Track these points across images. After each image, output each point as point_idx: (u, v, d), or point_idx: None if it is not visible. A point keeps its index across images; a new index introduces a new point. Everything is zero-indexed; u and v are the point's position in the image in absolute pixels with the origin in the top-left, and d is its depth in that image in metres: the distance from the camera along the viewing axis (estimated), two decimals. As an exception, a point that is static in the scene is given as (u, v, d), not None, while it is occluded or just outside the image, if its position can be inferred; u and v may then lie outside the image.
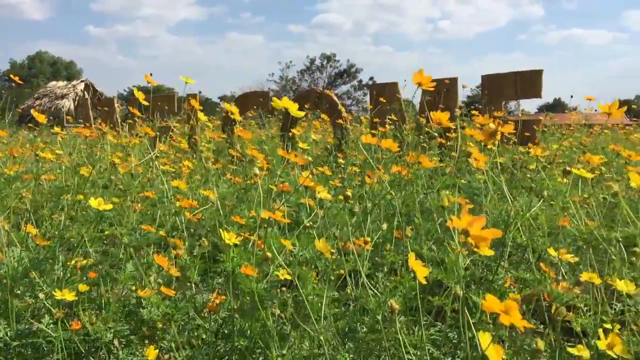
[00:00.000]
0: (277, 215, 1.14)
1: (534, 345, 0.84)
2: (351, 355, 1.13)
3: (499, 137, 1.04)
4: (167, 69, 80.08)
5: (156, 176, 2.07)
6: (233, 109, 1.66)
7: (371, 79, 40.30)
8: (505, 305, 0.69)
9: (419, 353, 1.05)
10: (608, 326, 1.10)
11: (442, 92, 5.05)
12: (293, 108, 1.23)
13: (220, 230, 1.19)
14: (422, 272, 0.94)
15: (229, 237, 1.16)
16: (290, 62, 45.40)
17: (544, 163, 2.08)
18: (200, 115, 1.87)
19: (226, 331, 1.35)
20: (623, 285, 1.02)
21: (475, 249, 0.97)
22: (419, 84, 1.28)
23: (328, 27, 75.53)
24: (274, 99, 1.22)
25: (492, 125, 1.03)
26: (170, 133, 5.16)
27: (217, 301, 1.39)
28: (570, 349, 0.88)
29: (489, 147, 1.18)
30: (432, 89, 1.30)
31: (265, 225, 1.24)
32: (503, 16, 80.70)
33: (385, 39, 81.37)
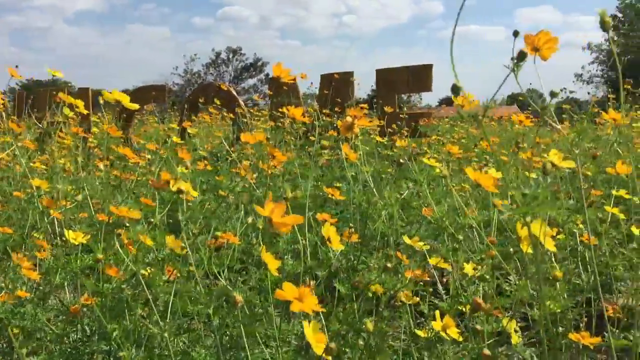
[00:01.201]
0: (132, 213, 1.11)
1: (363, 326, 0.88)
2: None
3: (356, 130, 1.06)
4: (65, 62, 75.58)
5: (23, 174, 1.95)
6: (122, 96, 1.58)
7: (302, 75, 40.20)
8: (300, 292, 0.71)
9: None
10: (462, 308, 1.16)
11: (338, 87, 5.13)
12: (125, 100, 1.20)
13: (66, 230, 1.13)
14: (273, 264, 0.95)
15: (75, 237, 1.12)
16: (195, 55, 44.36)
17: (410, 153, 2.17)
18: (66, 110, 1.78)
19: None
20: (469, 269, 1.09)
21: (329, 243, 0.98)
22: (278, 77, 1.29)
23: (234, 21, 74.53)
24: (104, 91, 1.18)
25: (348, 119, 1.06)
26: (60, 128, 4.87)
27: (83, 303, 1.33)
28: (417, 331, 0.93)
29: (351, 139, 1.21)
30: (292, 81, 1.32)
31: (128, 225, 1.20)
32: (405, 12, 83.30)
33: (291, 33, 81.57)
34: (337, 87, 5.14)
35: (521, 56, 0.83)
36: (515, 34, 0.84)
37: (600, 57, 30.77)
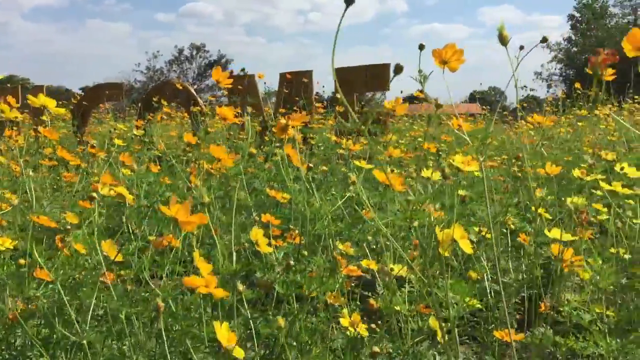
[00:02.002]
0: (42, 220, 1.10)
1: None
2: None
3: (291, 131, 1.07)
4: (23, 59, 73.42)
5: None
6: (48, 101, 1.55)
7: (242, 70, 39.97)
8: (206, 281, 0.76)
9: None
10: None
11: (298, 85, 5.13)
12: (51, 105, 1.18)
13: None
14: (205, 268, 0.95)
15: (1, 242, 1.10)
16: (158, 52, 43.70)
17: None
18: (5, 108, 1.73)
19: None
20: (397, 269, 1.11)
21: (257, 247, 0.99)
22: (218, 82, 1.29)
23: (198, 17, 73.66)
24: (29, 96, 1.16)
25: (282, 121, 1.07)
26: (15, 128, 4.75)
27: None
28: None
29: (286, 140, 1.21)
30: (229, 85, 1.32)
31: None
32: (370, 10, 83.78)
33: (257, 30, 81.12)
34: (296, 86, 5.14)
35: (397, 70, 0.86)
36: (421, 47, 0.86)
37: (558, 55, 31.55)
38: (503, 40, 0.87)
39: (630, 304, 1.22)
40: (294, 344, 1.02)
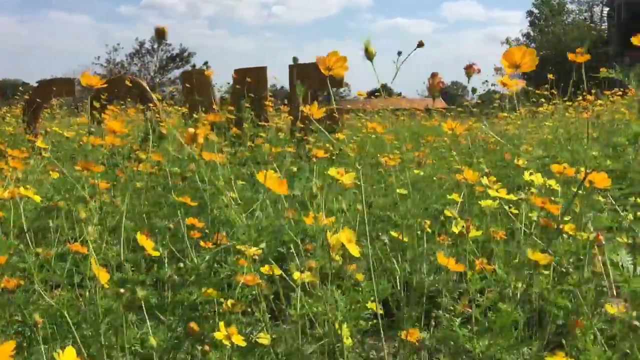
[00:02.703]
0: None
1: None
2: None
3: (201, 140, 1.08)
4: (-19, 52, 70.92)
5: None
6: None
7: (205, 63, 39.57)
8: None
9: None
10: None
11: (252, 82, 5.11)
12: None
13: None
14: (104, 277, 0.96)
15: None
16: (118, 44, 42.81)
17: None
18: None
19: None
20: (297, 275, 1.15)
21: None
22: (90, 86, 1.29)
23: (159, 9, 72.47)
24: None
25: (191, 130, 1.08)
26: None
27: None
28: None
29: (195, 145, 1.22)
30: (104, 85, 1.32)
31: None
32: (335, 4, 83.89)
33: (220, 22, 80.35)
34: (251, 82, 5.12)
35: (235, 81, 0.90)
36: (295, 60, 0.89)
37: (517, 51, 32.05)
38: (369, 55, 0.90)
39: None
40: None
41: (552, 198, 1.06)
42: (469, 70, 0.87)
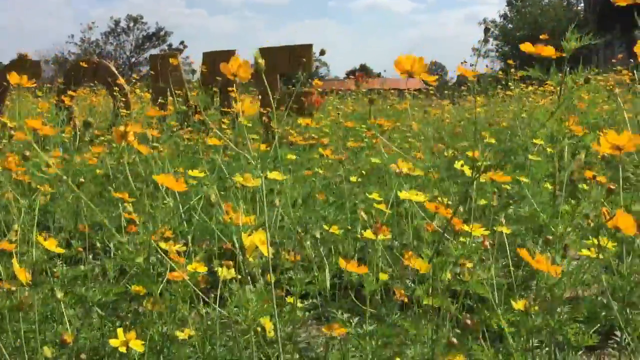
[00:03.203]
0: None
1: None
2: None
3: (131, 137, 1.10)
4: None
5: None
6: None
7: (181, 43, 39.03)
8: None
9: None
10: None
11: (219, 65, 5.09)
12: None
13: None
14: (22, 275, 0.98)
15: None
16: (93, 23, 41.88)
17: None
18: None
19: None
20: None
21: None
22: (19, 84, 1.30)
23: (136, -14, 70.96)
24: None
25: (121, 128, 1.09)
26: None
27: None
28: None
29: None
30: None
31: None
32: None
33: (199, 1, 79.06)
34: (219, 64, 5.10)
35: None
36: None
37: (494, 32, 32.24)
38: (258, 67, 0.92)
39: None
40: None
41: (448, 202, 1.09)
42: (358, 80, 0.89)
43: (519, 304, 0.93)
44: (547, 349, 1.14)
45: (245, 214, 1.07)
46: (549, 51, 1.06)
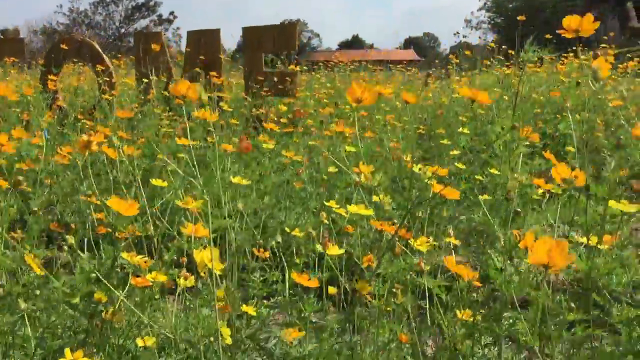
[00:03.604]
0: None
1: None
2: None
3: (94, 147, 1.12)
4: None
5: None
6: None
7: (171, 13, 38.47)
8: None
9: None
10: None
11: (206, 44, 5.05)
12: None
13: None
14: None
15: None
16: (82, -8, 41.16)
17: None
18: None
19: None
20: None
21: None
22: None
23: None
24: None
25: (84, 137, 1.11)
26: None
27: None
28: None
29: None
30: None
31: None
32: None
33: (188, -30, 77.44)
34: (205, 44, 5.06)
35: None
36: None
37: (487, 4, 31.97)
38: (202, 102, 0.95)
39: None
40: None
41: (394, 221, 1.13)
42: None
43: (461, 314, 0.97)
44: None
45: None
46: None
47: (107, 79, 4.87)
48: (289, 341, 1.08)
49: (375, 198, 1.20)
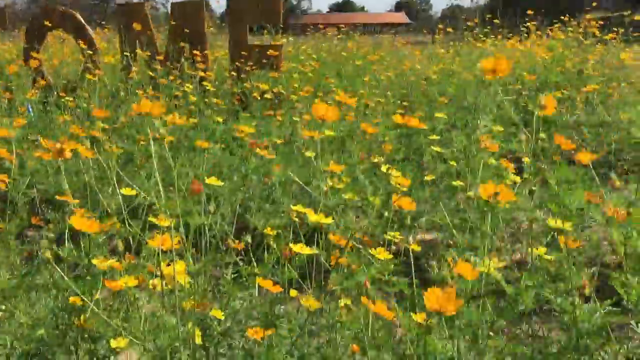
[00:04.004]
0: None
1: None
2: None
3: (67, 154, 1.15)
4: None
5: None
6: None
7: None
8: None
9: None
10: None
11: (190, 16, 4.98)
12: None
13: None
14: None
15: None
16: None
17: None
18: None
19: None
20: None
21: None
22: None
23: None
24: None
25: (57, 146, 1.13)
26: None
27: None
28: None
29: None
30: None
31: None
32: None
33: None
34: (188, 16, 4.99)
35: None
36: None
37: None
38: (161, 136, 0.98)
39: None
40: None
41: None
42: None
43: (418, 317, 1.03)
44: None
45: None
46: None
47: (91, 53, 4.80)
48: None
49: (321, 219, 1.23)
